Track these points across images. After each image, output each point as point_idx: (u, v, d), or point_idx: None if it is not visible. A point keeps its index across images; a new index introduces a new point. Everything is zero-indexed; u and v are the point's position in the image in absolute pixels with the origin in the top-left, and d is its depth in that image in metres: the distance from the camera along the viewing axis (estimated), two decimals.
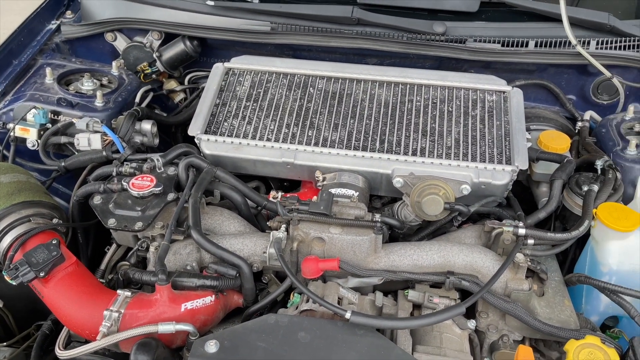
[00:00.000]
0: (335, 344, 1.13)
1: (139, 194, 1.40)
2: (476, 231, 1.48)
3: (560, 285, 1.41)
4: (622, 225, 1.37)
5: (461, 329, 1.28)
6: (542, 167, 1.65)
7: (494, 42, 1.83)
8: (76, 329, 1.25)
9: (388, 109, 1.66)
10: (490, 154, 1.54)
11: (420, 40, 1.83)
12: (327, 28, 1.87)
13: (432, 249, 1.36)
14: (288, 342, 1.13)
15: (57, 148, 1.70)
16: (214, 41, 2.01)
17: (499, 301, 1.27)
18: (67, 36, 2.05)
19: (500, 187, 1.49)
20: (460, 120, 1.62)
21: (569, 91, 1.93)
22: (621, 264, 1.38)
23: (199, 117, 1.63)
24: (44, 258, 1.25)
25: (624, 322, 1.47)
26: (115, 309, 1.19)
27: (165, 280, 1.21)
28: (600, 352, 1.14)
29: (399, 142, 1.57)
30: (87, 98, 1.76)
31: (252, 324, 1.19)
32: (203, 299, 1.26)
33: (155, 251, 1.33)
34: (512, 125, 1.59)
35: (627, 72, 1.83)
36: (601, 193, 1.46)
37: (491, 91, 1.68)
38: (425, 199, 1.40)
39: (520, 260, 1.32)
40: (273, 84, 1.73)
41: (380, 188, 1.58)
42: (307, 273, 1.27)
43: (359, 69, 1.75)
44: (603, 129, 1.71)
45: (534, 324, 1.25)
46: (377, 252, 1.35)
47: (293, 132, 1.60)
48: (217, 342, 1.11)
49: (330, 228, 1.34)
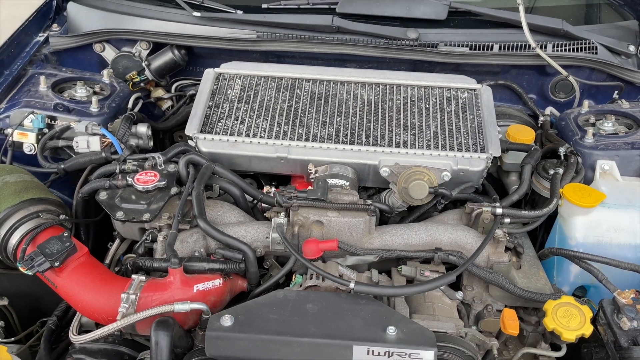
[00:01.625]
0: (340, 312, 1.23)
1: (144, 188, 1.47)
2: (457, 214, 1.62)
3: (535, 259, 1.56)
4: (586, 202, 1.53)
5: (450, 299, 1.41)
6: (511, 157, 1.81)
7: (462, 46, 2.01)
8: (92, 314, 1.30)
9: (371, 107, 1.79)
10: (466, 144, 1.69)
11: (395, 45, 1.99)
12: (309, 36, 2.01)
13: (420, 229, 1.49)
14: (297, 313, 1.22)
15: (54, 152, 1.76)
16: (201, 50, 2.11)
17: (483, 272, 1.40)
18: (56, 47, 2.11)
19: (476, 173, 1.64)
20: (437, 116, 1.77)
21: (530, 90, 2.13)
22: (586, 237, 1.55)
23: (194, 118, 1.72)
24: (57, 249, 1.31)
25: (591, 291, 1.63)
26: (132, 291, 1.26)
27: (178, 264, 1.29)
28: (575, 309, 1.29)
29: (383, 136, 1.71)
30: (82, 104, 1.83)
31: (263, 299, 1.28)
32: (212, 282, 1.34)
33: (164, 240, 1.40)
34: (484, 118, 1.75)
35: (581, 71, 2.03)
36: (566, 175, 1.63)
37: (463, 89, 1.85)
38: (411, 185, 1.53)
39: (500, 236, 1.46)
40: (262, 87, 1.84)
41: (368, 179, 1.70)
42: (309, 254, 1.37)
43: (342, 72, 1.89)
44: (563, 121, 1.89)
45: (515, 290, 1.39)
46: (371, 233, 1.46)
47: (284, 130, 1.71)
48: (231, 316, 1.20)
49: (327, 212, 1.45)
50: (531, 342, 1.46)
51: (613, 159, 1.68)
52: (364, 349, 1.15)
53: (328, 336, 1.17)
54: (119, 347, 1.38)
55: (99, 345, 1.38)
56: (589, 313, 1.28)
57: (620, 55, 2.09)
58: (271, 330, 1.18)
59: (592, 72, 2.04)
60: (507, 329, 1.29)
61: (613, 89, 2.05)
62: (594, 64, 2.00)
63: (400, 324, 1.20)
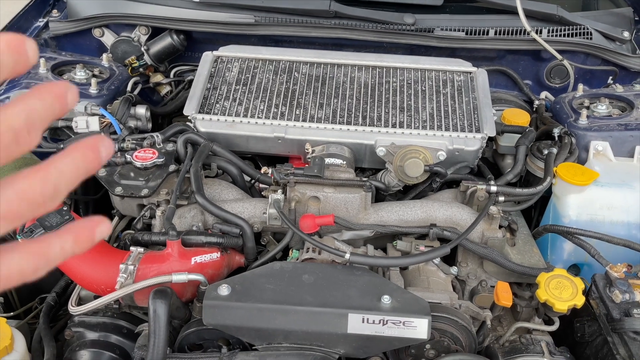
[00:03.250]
0: (336, 283, 1.25)
1: (143, 164, 1.49)
2: (452, 193, 1.64)
3: (529, 237, 1.58)
4: (579, 180, 1.55)
5: (445, 274, 1.43)
6: (507, 140, 1.83)
7: (458, 31, 2.03)
8: (91, 285, 1.32)
9: (368, 89, 1.81)
10: (462, 125, 1.71)
11: (392, 30, 2.01)
12: (307, 20, 2.03)
13: (415, 206, 1.51)
14: (294, 283, 1.24)
15: (53, 132, 1.77)
16: (200, 35, 2.13)
17: (477, 247, 1.42)
18: (55, 32, 2.13)
19: (472, 152, 1.65)
20: (433, 98, 1.79)
21: (525, 76, 2.15)
22: (580, 215, 1.57)
23: (193, 99, 1.74)
24: (57, 222, 1.32)
25: (584, 269, 1.64)
26: (131, 262, 1.28)
27: (176, 236, 1.30)
28: (567, 281, 1.31)
29: (380, 117, 1.72)
30: (82, 86, 1.85)
31: (259, 270, 1.30)
32: (210, 255, 1.35)
33: (162, 215, 1.42)
34: (479, 100, 1.77)
35: (576, 56, 2.05)
36: (560, 155, 1.65)
37: (459, 72, 1.87)
38: (407, 162, 1.55)
39: (494, 212, 1.48)
40: (260, 70, 1.86)
41: (364, 159, 1.72)
42: (305, 228, 1.39)
43: (339, 55, 1.91)
44: (557, 105, 1.91)
45: (508, 265, 1.40)
46: (367, 209, 1.48)
47: (282, 111, 1.73)
48: (228, 286, 1.22)
49: (324, 188, 1.47)
50: (525, 317, 1.48)
51: (607, 140, 1.70)
52: (359, 317, 1.17)
53: (324, 305, 1.19)
54: (118, 320, 1.40)
55: (98, 319, 1.39)
56: (580, 284, 1.29)
57: (614, 41, 2.11)
58: (268, 299, 1.20)
59: (587, 57, 2.06)
60: (501, 301, 1.30)
61: (607, 74, 2.08)
62: (589, 48, 2.02)
63: (395, 293, 1.22)
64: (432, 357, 1.28)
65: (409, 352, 1.29)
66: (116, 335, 1.38)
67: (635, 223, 1.56)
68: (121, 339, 1.39)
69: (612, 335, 1.27)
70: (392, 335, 1.18)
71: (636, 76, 2.05)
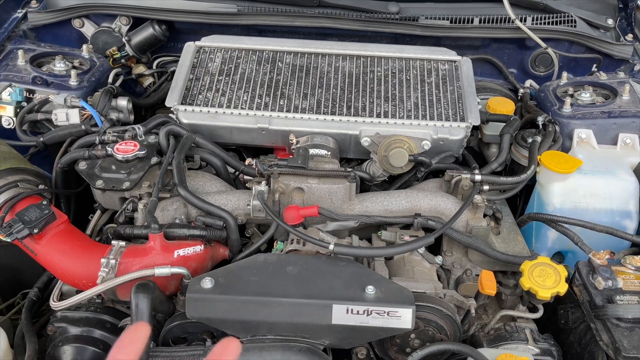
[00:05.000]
0: (320, 274, 1.24)
1: (124, 157, 1.47)
2: (437, 182, 1.63)
3: (513, 225, 1.58)
4: (562, 168, 1.56)
5: (430, 263, 1.43)
6: (492, 129, 1.83)
7: (443, 19, 2.02)
8: (72, 280, 1.30)
9: (352, 79, 1.80)
10: (446, 114, 1.70)
11: (376, 18, 2.00)
12: (290, 9, 2.01)
13: (400, 196, 1.50)
14: (278, 275, 1.23)
15: (33, 125, 1.74)
16: (182, 25, 2.10)
17: (461, 236, 1.42)
18: (34, 23, 2.09)
19: (456, 142, 1.65)
20: (417, 87, 1.78)
21: (510, 65, 2.15)
22: (563, 203, 1.57)
23: (175, 90, 1.71)
24: (36, 216, 1.30)
25: (569, 257, 1.66)
26: (112, 257, 1.26)
27: (158, 229, 1.29)
28: (551, 268, 1.31)
29: (364, 107, 1.71)
30: (61, 77, 1.81)
31: (243, 262, 1.29)
32: (193, 247, 1.34)
33: (144, 208, 1.40)
34: (463, 89, 1.76)
35: (560, 44, 2.05)
36: (543, 143, 1.65)
37: (443, 61, 1.86)
38: (391, 152, 1.54)
39: (478, 201, 1.47)
40: (243, 60, 1.84)
41: (349, 149, 1.71)
42: (290, 220, 1.38)
43: (323, 44, 1.89)
44: (542, 93, 1.91)
45: (492, 253, 1.41)
46: (351, 199, 1.48)
47: (265, 102, 1.72)
48: (211, 279, 1.20)
49: (308, 179, 1.45)
50: (510, 305, 1.49)
51: (590, 128, 1.71)
52: (343, 308, 1.17)
53: (308, 296, 1.19)
54: (101, 315, 1.38)
55: (81, 314, 1.38)
56: (563, 272, 1.30)
57: (599, 28, 2.11)
58: (251, 291, 1.19)
59: (571, 45, 2.07)
60: (485, 289, 1.31)
61: (592, 61, 2.08)
62: (573, 36, 2.02)
63: (379, 283, 1.21)
64: (417, 346, 1.28)
65: (394, 342, 1.30)
66: (100, 330, 1.37)
67: (618, 210, 1.57)
68: (105, 334, 1.37)
69: (595, 321, 1.28)
70: (376, 326, 1.17)
71: (620, 63, 2.06)
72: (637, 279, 1.36)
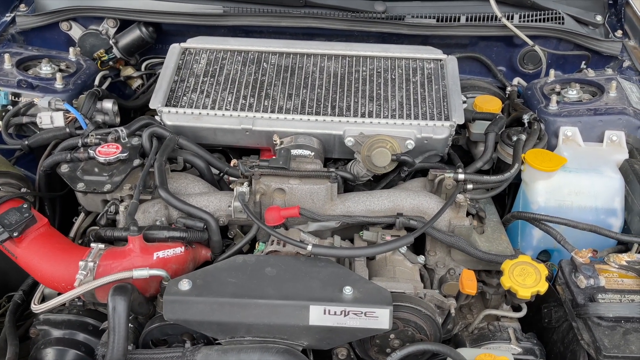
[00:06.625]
0: (299, 275, 1.24)
1: (106, 159, 1.47)
2: (421, 182, 1.63)
3: (498, 224, 1.57)
4: (547, 166, 1.55)
5: (412, 262, 1.42)
6: (479, 127, 1.82)
7: (430, 18, 2.01)
8: (52, 283, 1.30)
9: (337, 79, 1.79)
10: (431, 113, 1.70)
11: (363, 18, 1.99)
12: (276, 10, 2.00)
13: (382, 196, 1.50)
14: (256, 277, 1.23)
15: (18, 129, 1.74)
16: (169, 27, 2.10)
17: (443, 235, 1.41)
18: (22, 27, 2.10)
19: (440, 141, 1.64)
20: (402, 86, 1.77)
21: (499, 63, 2.14)
22: (548, 201, 1.56)
23: (159, 92, 1.71)
24: (16, 219, 1.30)
25: (555, 255, 1.64)
26: (91, 259, 1.26)
27: (137, 231, 1.29)
28: (531, 267, 1.30)
29: (349, 107, 1.71)
30: (47, 80, 1.81)
31: (222, 264, 1.29)
32: (173, 249, 1.34)
33: (125, 210, 1.40)
34: (448, 88, 1.76)
35: (548, 42, 2.04)
36: (528, 141, 1.64)
37: (429, 60, 1.85)
38: (374, 152, 1.54)
39: (461, 200, 1.47)
40: (228, 61, 1.84)
41: (334, 150, 1.71)
42: (271, 221, 1.37)
43: (308, 44, 1.89)
44: (529, 91, 1.90)
45: (474, 252, 1.40)
46: (333, 200, 1.47)
47: (250, 103, 1.71)
48: (189, 280, 1.20)
49: (289, 180, 1.45)
50: (494, 304, 1.49)
51: (576, 125, 1.70)
52: (321, 309, 1.16)
53: (285, 297, 1.18)
54: (84, 317, 1.39)
55: (63, 316, 1.38)
56: (544, 271, 1.29)
57: (587, 25, 2.10)
58: (229, 293, 1.19)
59: (560, 43, 2.05)
60: (465, 289, 1.30)
61: (580, 58, 2.07)
62: (561, 33, 2.01)
63: (357, 284, 1.21)
64: (397, 346, 1.28)
65: (374, 342, 1.29)
66: (82, 333, 1.37)
67: (604, 208, 1.56)
68: (87, 336, 1.37)
69: (577, 320, 1.27)
70: (354, 326, 1.17)
71: (609, 60, 2.04)
72: (621, 277, 1.35)
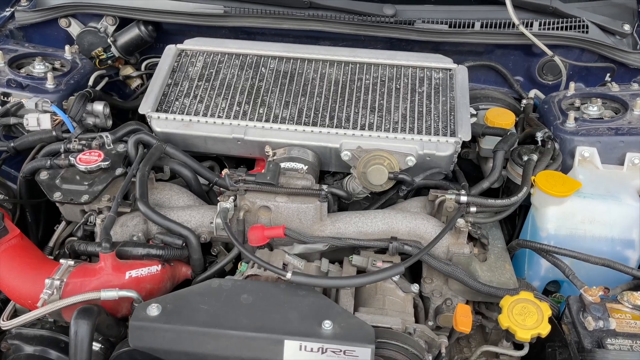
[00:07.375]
0: (277, 304, 1.15)
1: (87, 168, 1.40)
2: (421, 201, 1.52)
3: (503, 251, 1.46)
4: (558, 190, 1.42)
5: (404, 292, 1.32)
6: (489, 143, 1.69)
7: (442, 23, 1.88)
8: (19, 299, 1.24)
9: (338, 87, 1.69)
10: (436, 127, 1.58)
11: (370, 22, 1.88)
12: (279, 11, 1.90)
13: (376, 217, 1.39)
14: (230, 304, 1.14)
15: (6, 130, 1.69)
16: (169, 26, 2.02)
17: (439, 264, 1.30)
18: (21, 23, 2.04)
19: (444, 158, 1.53)
20: (407, 97, 1.66)
21: (516, 72, 2.00)
22: (558, 229, 1.43)
23: (150, 95, 1.64)
24: None
25: (565, 286, 1.52)
26: (58, 277, 1.19)
27: (109, 249, 1.21)
28: (533, 306, 1.19)
29: (348, 118, 1.60)
30: (38, 80, 1.76)
31: (196, 287, 1.20)
32: (148, 268, 1.26)
33: (102, 223, 1.33)
34: (456, 100, 1.64)
35: (570, 52, 1.90)
36: (540, 162, 1.51)
37: (437, 69, 1.73)
38: (370, 169, 1.43)
39: (461, 225, 1.36)
40: (225, 65, 1.75)
41: (331, 163, 1.61)
42: (254, 240, 1.28)
43: (310, 49, 1.78)
44: (546, 105, 1.77)
45: (472, 284, 1.29)
46: (322, 220, 1.37)
47: (244, 110, 1.62)
48: (159, 305, 1.12)
49: (276, 197, 1.36)
50: (494, 339, 1.37)
51: (594, 146, 1.56)
52: (296, 345, 1.07)
53: (259, 329, 1.09)
54: (56, 334, 1.32)
55: (36, 331, 1.32)
56: (547, 311, 1.17)
57: (614, 34, 1.94)
58: (199, 321, 1.10)
59: (582, 53, 1.91)
60: (459, 326, 1.19)
61: (605, 71, 1.92)
62: (584, 43, 1.86)
63: (338, 317, 1.11)
64: None
65: None
66: (53, 350, 1.31)
67: (620, 239, 1.42)
68: (59, 354, 1.31)
69: None
70: None
71: (636, 73, 1.89)
72: (634, 319, 1.22)
